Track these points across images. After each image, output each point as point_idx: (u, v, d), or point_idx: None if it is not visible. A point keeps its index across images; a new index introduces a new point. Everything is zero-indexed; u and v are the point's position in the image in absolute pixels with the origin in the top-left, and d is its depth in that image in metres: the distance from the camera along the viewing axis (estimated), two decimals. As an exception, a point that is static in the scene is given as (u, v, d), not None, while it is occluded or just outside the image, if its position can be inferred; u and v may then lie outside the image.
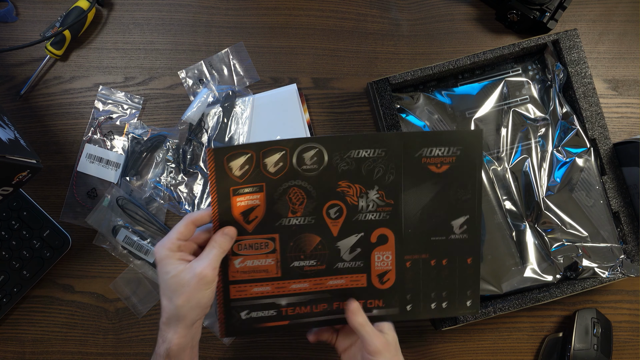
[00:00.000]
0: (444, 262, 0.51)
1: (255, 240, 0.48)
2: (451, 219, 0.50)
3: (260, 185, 0.46)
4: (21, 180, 0.56)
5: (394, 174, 0.49)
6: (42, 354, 0.65)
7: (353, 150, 0.47)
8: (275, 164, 0.46)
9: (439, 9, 0.72)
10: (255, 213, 0.47)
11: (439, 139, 0.48)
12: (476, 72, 0.67)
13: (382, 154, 0.48)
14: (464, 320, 0.61)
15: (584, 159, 0.64)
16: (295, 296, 0.50)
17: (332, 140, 0.47)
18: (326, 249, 0.49)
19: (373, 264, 0.50)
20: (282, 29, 0.71)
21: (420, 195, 0.49)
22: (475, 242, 0.51)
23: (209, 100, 0.68)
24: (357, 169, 0.48)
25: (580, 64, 0.64)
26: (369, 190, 0.48)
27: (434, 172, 0.49)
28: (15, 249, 0.64)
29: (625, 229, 0.63)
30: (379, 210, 0.49)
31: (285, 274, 0.49)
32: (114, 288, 0.66)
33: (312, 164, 0.47)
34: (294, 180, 0.47)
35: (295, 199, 0.47)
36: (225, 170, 0.46)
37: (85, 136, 0.68)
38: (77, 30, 0.68)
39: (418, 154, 0.48)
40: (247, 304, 0.49)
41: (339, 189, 0.48)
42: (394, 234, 0.50)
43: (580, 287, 0.62)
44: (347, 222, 0.49)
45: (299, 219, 0.48)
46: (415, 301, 0.51)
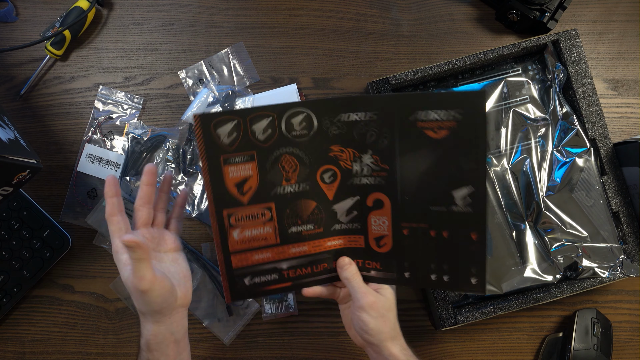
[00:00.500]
0: (445, 234, 0.47)
1: (252, 211, 0.47)
2: (452, 189, 0.46)
3: (251, 153, 0.46)
4: (21, 180, 0.56)
5: (388, 139, 0.46)
6: (42, 354, 0.65)
7: (343, 114, 0.46)
8: (264, 131, 0.46)
9: (439, 9, 0.72)
10: (249, 184, 0.47)
11: (436, 101, 0.44)
12: (476, 72, 0.67)
13: (374, 117, 0.46)
14: (464, 320, 0.61)
15: (584, 159, 0.64)
16: (296, 259, 0.50)
17: (320, 104, 0.46)
18: (322, 213, 0.49)
19: (370, 227, 0.49)
20: (282, 29, 0.71)
21: (417, 161, 0.46)
22: (481, 218, 0.45)
23: (209, 100, 0.68)
24: (348, 132, 0.46)
25: (580, 64, 0.64)
26: (362, 154, 0.47)
27: (432, 138, 0.45)
28: (15, 249, 0.64)
29: (625, 229, 0.63)
30: (373, 175, 0.47)
31: (284, 239, 0.49)
32: (114, 288, 0.66)
33: (301, 130, 0.46)
34: (284, 148, 0.46)
35: (288, 167, 0.47)
36: (214, 138, 0.45)
37: (85, 136, 0.68)
38: (77, 30, 0.68)
39: (413, 117, 0.45)
40: (249, 271, 0.49)
41: (331, 154, 0.47)
42: (390, 200, 0.48)
43: (580, 287, 0.62)
44: (342, 186, 0.48)
45: (293, 187, 0.47)
46: (413, 269, 0.49)
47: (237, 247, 0.48)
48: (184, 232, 0.67)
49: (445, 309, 0.61)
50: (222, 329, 0.65)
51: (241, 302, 0.65)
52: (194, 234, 0.67)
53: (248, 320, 0.66)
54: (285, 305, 0.66)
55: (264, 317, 0.66)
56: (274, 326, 0.66)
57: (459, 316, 0.61)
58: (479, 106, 0.43)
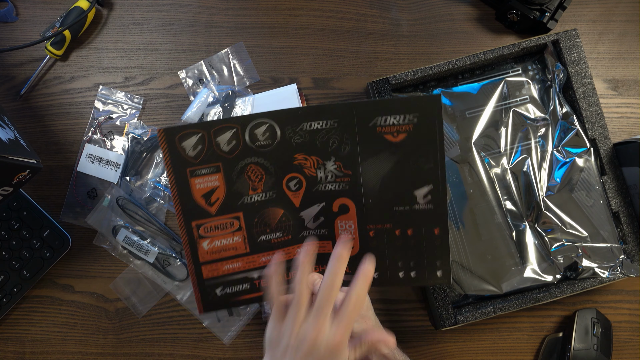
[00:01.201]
0: (409, 232, 0.49)
1: (220, 221, 0.48)
2: (413, 189, 0.48)
3: (217, 165, 0.47)
4: (21, 180, 0.56)
5: (349, 145, 0.48)
6: (42, 354, 0.65)
7: (305, 123, 0.47)
8: (229, 142, 0.46)
9: (439, 9, 0.72)
10: (217, 195, 0.47)
11: (392, 107, 0.46)
12: (476, 72, 0.67)
13: (334, 125, 0.47)
14: (464, 320, 0.61)
15: (584, 159, 0.64)
16: (266, 268, 0.50)
17: (281, 114, 0.47)
18: (290, 220, 0.49)
19: (337, 231, 0.50)
20: (282, 29, 0.71)
21: (378, 165, 0.48)
22: (442, 213, 0.49)
23: (209, 100, 0.68)
24: (311, 141, 0.47)
25: (580, 64, 0.64)
26: (325, 161, 0.48)
27: (391, 142, 0.47)
28: (15, 249, 0.64)
29: (625, 229, 0.63)
30: (337, 181, 0.49)
31: (253, 248, 0.49)
32: (114, 288, 0.66)
33: (265, 140, 0.47)
34: (249, 158, 0.47)
35: (254, 176, 0.48)
36: (179, 151, 0.46)
37: (85, 136, 0.68)
38: (77, 30, 0.68)
39: (372, 123, 0.47)
40: (220, 281, 0.50)
41: (295, 162, 0.48)
42: (355, 204, 0.49)
43: (580, 287, 0.62)
44: (308, 192, 0.49)
45: (260, 195, 0.48)
46: (381, 269, 0.51)
47: (207, 258, 0.49)
48: (184, 232, 0.67)
49: (445, 309, 0.61)
50: (222, 329, 0.65)
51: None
52: (194, 234, 0.67)
53: (248, 320, 0.66)
54: (285, 305, 0.66)
55: (264, 317, 0.66)
56: (274, 326, 0.66)
57: (459, 316, 0.61)
58: (435, 109, 0.46)
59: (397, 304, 0.66)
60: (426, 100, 0.46)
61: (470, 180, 0.64)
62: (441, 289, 0.62)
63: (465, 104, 0.65)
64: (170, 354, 0.65)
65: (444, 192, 0.48)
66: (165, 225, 0.67)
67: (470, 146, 0.64)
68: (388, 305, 0.67)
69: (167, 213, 0.67)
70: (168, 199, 0.67)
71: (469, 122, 0.65)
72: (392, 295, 0.66)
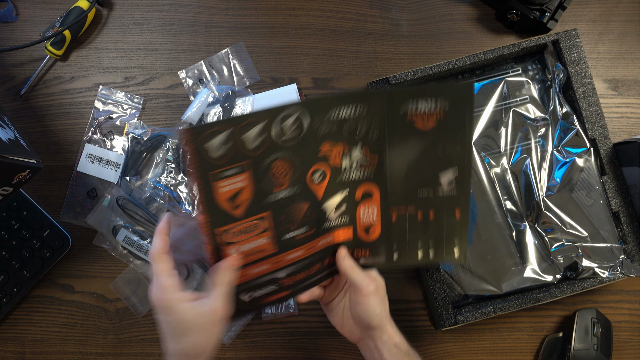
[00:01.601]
0: (431, 214, 0.50)
1: (247, 224, 0.45)
2: (438, 175, 0.49)
3: (241, 165, 0.43)
4: (21, 180, 0.56)
5: (377, 131, 0.47)
6: (42, 354, 0.65)
7: (334, 111, 0.45)
8: (255, 139, 0.43)
9: (439, 9, 0.72)
10: (242, 196, 0.44)
11: (426, 92, 0.46)
12: (476, 72, 0.67)
13: (363, 112, 0.45)
14: (464, 320, 0.61)
15: (584, 159, 0.64)
16: (292, 266, 0.49)
17: (312, 102, 0.45)
18: (314, 214, 0.48)
19: (358, 218, 0.50)
20: (282, 29, 0.71)
21: (406, 152, 0.48)
22: (464, 198, 0.49)
23: (209, 100, 0.68)
24: (338, 130, 0.45)
25: (580, 64, 0.64)
26: (352, 147, 0.47)
27: (420, 129, 0.47)
28: (15, 249, 0.64)
29: (625, 229, 0.63)
30: (363, 168, 0.48)
31: (280, 248, 0.48)
32: (114, 288, 0.66)
33: (292, 133, 0.44)
34: (275, 154, 0.44)
35: (279, 173, 0.45)
36: (203, 153, 0.41)
37: (85, 136, 0.68)
38: (77, 30, 0.68)
39: (403, 111, 0.46)
40: (247, 286, 0.48)
41: (320, 154, 0.46)
42: (379, 189, 0.49)
43: (580, 287, 0.62)
44: (331, 183, 0.47)
45: (285, 192, 0.46)
46: (401, 250, 0.51)
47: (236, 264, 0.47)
48: (184, 232, 0.67)
49: (445, 309, 0.61)
50: (222, 329, 0.65)
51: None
52: (194, 234, 0.67)
53: (248, 320, 0.66)
54: (285, 305, 0.66)
55: (264, 317, 0.66)
56: (274, 326, 0.66)
57: (459, 316, 0.61)
58: (467, 96, 0.46)
59: (397, 304, 0.66)
60: (459, 87, 0.47)
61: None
62: (441, 289, 0.62)
63: (465, 104, 0.65)
64: (170, 354, 0.65)
65: (468, 177, 0.49)
66: (165, 225, 0.66)
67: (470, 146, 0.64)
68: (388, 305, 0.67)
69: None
70: (168, 199, 0.67)
71: (469, 122, 0.65)
72: (392, 295, 0.66)
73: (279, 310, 0.65)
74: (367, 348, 0.51)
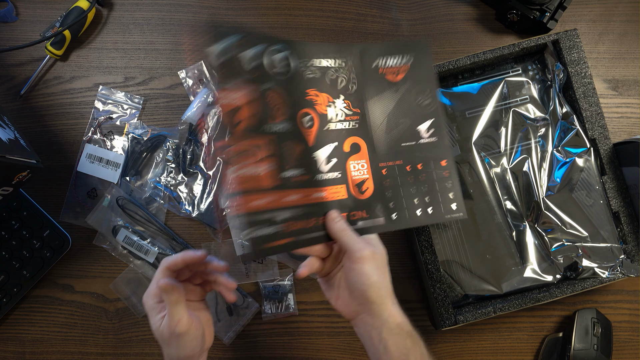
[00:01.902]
0: (419, 166, 0.53)
1: (245, 146, 0.44)
2: (417, 125, 0.53)
3: (238, 82, 0.44)
4: (21, 180, 0.56)
5: (356, 84, 0.51)
6: (42, 354, 0.65)
7: (315, 59, 0.49)
8: (250, 61, 0.45)
9: (439, 9, 0.72)
10: (239, 116, 0.44)
11: (390, 49, 0.52)
12: (476, 72, 0.67)
13: (342, 64, 0.50)
14: (464, 320, 0.61)
15: (584, 159, 0.64)
16: (289, 210, 0.47)
17: (296, 43, 0.48)
18: (307, 159, 0.48)
19: (349, 173, 0.50)
20: (282, 29, 0.71)
21: (383, 103, 0.52)
22: (445, 144, 0.54)
23: (209, 100, 0.68)
24: (321, 77, 0.49)
25: (580, 64, 0.64)
26: (335, 99, 0.50)
27: (392, 81, 0.52)
28: (15, 249, 0.64)
29: (625, 229, 0.63)
30: (347, 120, 0.50)
31: (276, 184, 0.46)
32: (114, 288, 0.66)
33: (281, 68, 0.47)
34: (268, 83, 0.46)
35: (273, 104, 0.46)
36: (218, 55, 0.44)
37: (85, 136, 0.68)
38: (77, 30, 0.68)
39: (375, 64, 0.52)
40: (247, 220, 0.45)
41: (307, 97, 0.48)
42: (366, 143, 0.51)
43: (580, 287, 0.62)
44: (320, 131, 0.49)
45: (279, 125, 0.46)
46: (399, 209, 0.52)
47: (233, 189, 0.44)
48: (184, 232, 0.67)
49: (445, 309, 0.61)
50: (222, 329, 0.65)
51: (241, 302, 0.65)
52: (194, 234, 0.67)
53: (248, 320, 0.66)
54: (285, 305, 0.66)
55: (264, 317, 0.66)
56: (274, 326, 0.66)
57: (459, 316, 0.61)
58: (426, 50, 0.54)
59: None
60: (417, 43, 0.54)
61: (470, 180, 0.64)
62: (441, 289, 0.62)
63: (465, 104, 0.65)
64: (170, 354, 0.65)
65: (443, 124, 0.54)
66: (165, 225, 0.67)
67: (470, 146, 0.64)
68: (388, 305, 0.67)
69: (167, 213, 0.67)
70: (168, 199, 0.67)
71: (469, 122, 0.65)
72: (392, 295, 0.66)
73: (279, 310, 0.65)
74: (363, 325, 0.46)
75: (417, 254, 0.63)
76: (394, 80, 0.52)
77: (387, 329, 0.45)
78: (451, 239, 0.64)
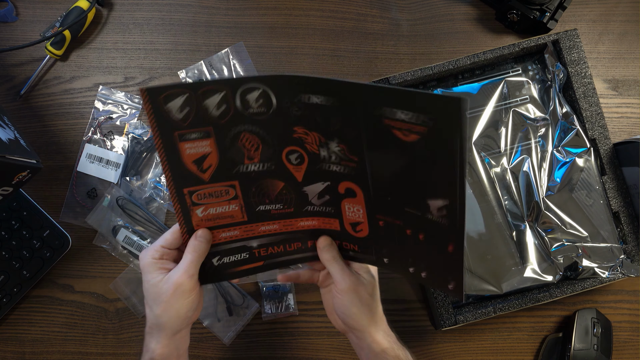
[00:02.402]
0: (421, 237, 0.44)
1: (214, 188, 0.45)
2: (427, 198, 0.41)
3: (207, 130, 0.42)
4: (21, 180, 0.56)
5: (354, 129, 0.41)
6: (42, 354, 0.65)
7: (303, 95, 0.40)
8: (218, 107, 0.42)
9: (439, 9, 0.72)
10: (209, 161, 0.44)
11: (404, 101, 0.37)
12: (476, 72, 0.67)
13: (336, 104, 0.40)
14: (464, 320, 0.61)
15: (584, 159, 0.64)
16: (266, 237, 0.48)
17: (275, 80, 0.40)
18: (292, 194, 0.46)
19: (344, 212, 0.47)
20: (282, 29, 0.71)
21: (388, 159, 0.41)
22: (458, 230, 0.41)
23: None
24: (311, 115, 0.41)
25: (580, 64, 0.64)
26: (329, 140, 0.42)
27: (401, 140, 0.39)
28: (15, 249, 0.64)
29: (625, 229, 0.63)
30: (343, 164, 0.44)
31: (251, 217, 0.47)
32: (114, 288, 0.66)
33: (259, 107, 0.42)
34: (243, 125, 0.43)
35: (249, 145, 0.44)
36: (164, 113, 0.41)
37: (85, 136, 0.68)
38: (77, 30, 0.68)
39: (378, 112, 0.38)
40: (217, 250, 0.47)
41: (295, 135, 0.43)
42: (362, 191, 0.44)
43: (580, 287, 0.62)
44: (311, 169, 0.45)
45: (257, 165, 0.44)
46: (392, 258, 0.47)
47: (202, 225, 0.46)
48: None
49: (445, 309, 0.61)
50: (222, 329, 0.65)
51: (241, 302, 0.65)
52: (194, 234, 0.67)
53: (248, 320, 0.66)
54: (285, 305, 0.66)
55: (264, 317, 0.66)
56: (274, 326, 0.66)
57: (459, 316, 0.61)
58: (456, 114, 0.35)
59: (397, 304, 0.66)
60: (447, 102, 0.36)
61: (470, 180, 0.64)
62: (441, 289, 0.62)
63: (465, 104, 0.65)
64: (170, 354, 0.65)
65: (462, 209, 0.39)
66: (165, 225, 0.66)
67: (471, 146, 0.64)
68: (388, 305, 0.66)
69: (167, 213, 0.67)
70: (168, 198, 0.67)
71: (469, 122, 0.65)
72: (391, 295, 0.66)
73: (279, 310, 0.65)
74: (352, 341, 0.51)
75: (417, 254, 0.63)
76: (404, 139, 0.39)
77: (372, 353, 0.48)
78: (451, 239, 0.64)
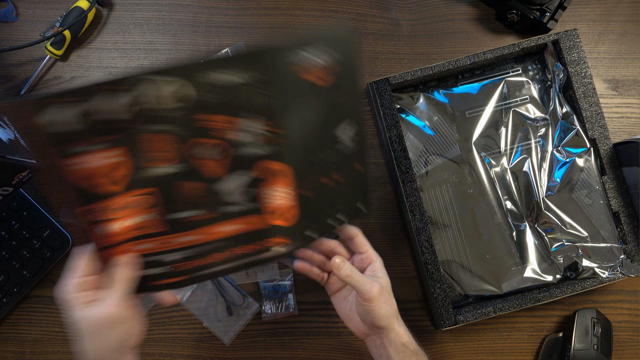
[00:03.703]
0: (337, 176, 0.47)
1: (129, 199, 0.40)
2: (334, 129, 0.46)
3: (114, 138, 0.38)
4: (21, 180, 0.56)
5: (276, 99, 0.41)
6: (42, 354, 0.65)
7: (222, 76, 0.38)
8: (127, 108, 0.37)
9: (439, 9, 0.72)
10: (122, 170, 0.39)
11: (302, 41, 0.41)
12: (476, 72, 0.67)
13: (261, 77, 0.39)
14: (464, 320, 0.61)
15: (584, 159, 0.64)
16: (188, 249, 0.44)
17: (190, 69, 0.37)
18: (214, 195, 0.42)
19: (269, 201, 0.44)
20: (282, 29, 0.71)
21: (304, 114, 0.43)
22: (363, 150, 0.49)
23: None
24: (233, 99, 0.39)
25: (580, 64, 0.64)
26: (251, 121, 0.41)
27: (321, 86, 0.42)
28: (15, 249, 0.64)
29: (625, 229, 0.63)
30: (267, 144, 0.42)
31: (169, 227, 0.42)
32: (114, 288, 0.66)
33: (175, 102, 0.38)
34: (156, 125, 0.38)
35: (165, 146, 0.40)
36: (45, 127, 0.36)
37: (85, 136, 0.68)
38: (77, 30, 0.68)
39: (289, 65, 0.40)
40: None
41: (215, 126, 0.40)
42: (287, 165, 0.43)
43: (580, 287, 0.62)
44: (232, 161, 0.42)
45: (175, 167, 0.40)
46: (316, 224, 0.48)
47: (118, 239, 0.42)
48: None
49: (445, 309, 0.61)
50: (222, 329, 0.65)
51: (241, 302, 0.65)
52: (194, 234, 0.67)
53: (248, 320, 0.66)
54: (285, 305, 0.66)
55: (264, 317, 0.66)
56: (274, 326, 0.66)
57: (459, 316, 0.61)
58: (347, 37, 0.43)
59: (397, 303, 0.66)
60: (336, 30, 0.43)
61: (470, 180, 0.64)
62: (441, 289, 0.62)
63: (465, 104, 0.65)
64: (170, 354, 0.65)
65: (364, 130, 0.48)
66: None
67: (471, 146, 0.64)
68: (388, 305, 0.67)
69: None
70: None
71: (469, 122, 0.65)
72: (392, 295, 0.66)
73: (279, 310, 0.65)
74: (373, 344, 0.52)
75: (417, 254, 0.63)
76: (323, 85, 0.42)
77: (394, 349, 0.50)
78: (451, 239, 0.64)
